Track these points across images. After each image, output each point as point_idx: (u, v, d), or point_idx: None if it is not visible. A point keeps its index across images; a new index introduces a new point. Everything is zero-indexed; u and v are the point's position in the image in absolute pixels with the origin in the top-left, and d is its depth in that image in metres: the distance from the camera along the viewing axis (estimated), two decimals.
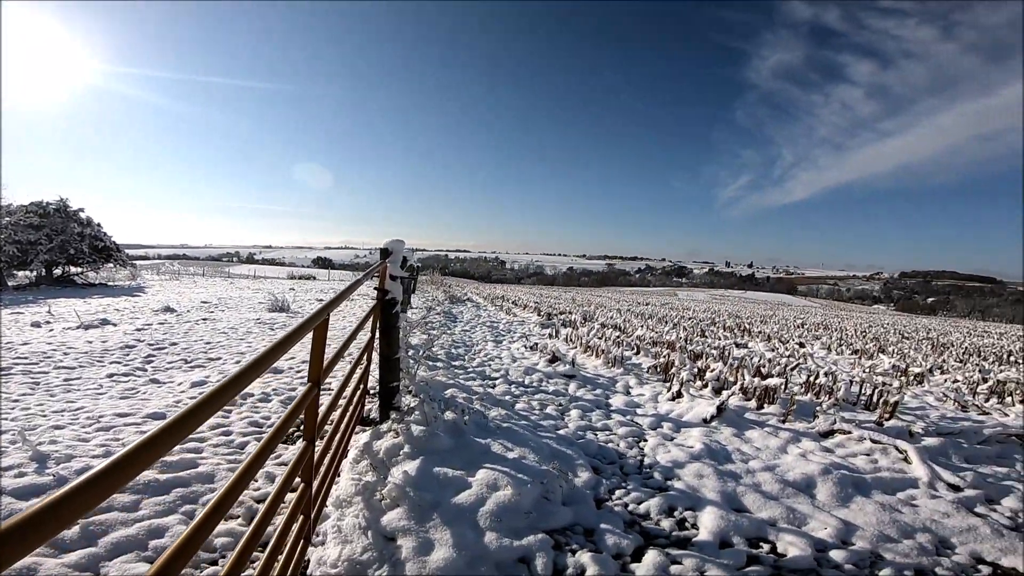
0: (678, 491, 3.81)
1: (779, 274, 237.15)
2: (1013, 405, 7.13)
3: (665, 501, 3.62)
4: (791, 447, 4.88)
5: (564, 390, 6.59)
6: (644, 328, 13.15)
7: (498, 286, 54.85)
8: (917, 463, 4.48)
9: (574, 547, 3.04)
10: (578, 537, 3.16)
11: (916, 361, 10.50)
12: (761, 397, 6.08)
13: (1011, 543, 3.34)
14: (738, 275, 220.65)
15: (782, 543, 3.22)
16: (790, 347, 11.58)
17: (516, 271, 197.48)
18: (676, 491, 3.80)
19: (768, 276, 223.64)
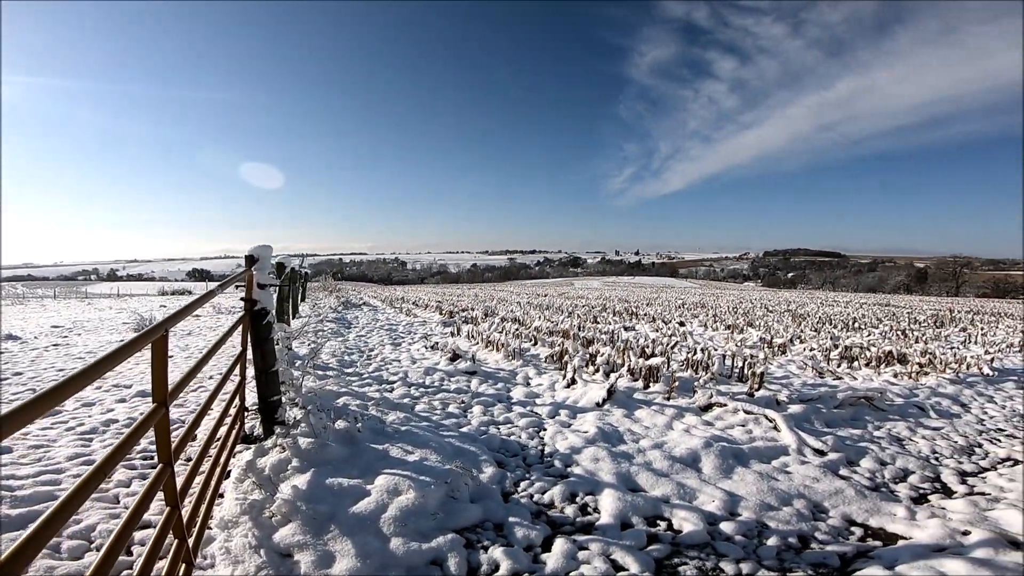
0: (578, 477, 3.89)
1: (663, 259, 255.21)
2: (860, 369, 8.16)
3: (567, 488, 3.69)
4: (676, 423, 5.15)
5: (466, 387, 6.56)
6: (542, 319, 13.43)
7: (399, 288, 53.58)
8: (785, 431, 4.90)
9: (486, 543, 3.02)
10: (489, 533, 3.14)
11: (779, 333, 11.70)
12: (647, 377, 6.38)
13: (874, 503, 3.70)
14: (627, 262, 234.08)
15: (677, 519, 3.35)
16: (672, 327, 12.41)
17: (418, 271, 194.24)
18: (576, 477, 3.89)
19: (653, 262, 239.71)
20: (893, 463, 4.46)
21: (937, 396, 6.60)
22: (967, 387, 7.18)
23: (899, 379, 7.37)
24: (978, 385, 7.38)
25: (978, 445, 5.06)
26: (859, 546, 3.16)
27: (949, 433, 5.31)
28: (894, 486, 4.07)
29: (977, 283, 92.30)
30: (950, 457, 4.71)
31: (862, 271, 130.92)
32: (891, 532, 3.35)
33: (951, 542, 3.11)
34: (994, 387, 7.44)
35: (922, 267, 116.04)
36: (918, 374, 7.56)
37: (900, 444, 4.95)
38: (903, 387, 6.86)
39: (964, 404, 6.43)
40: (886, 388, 6.61)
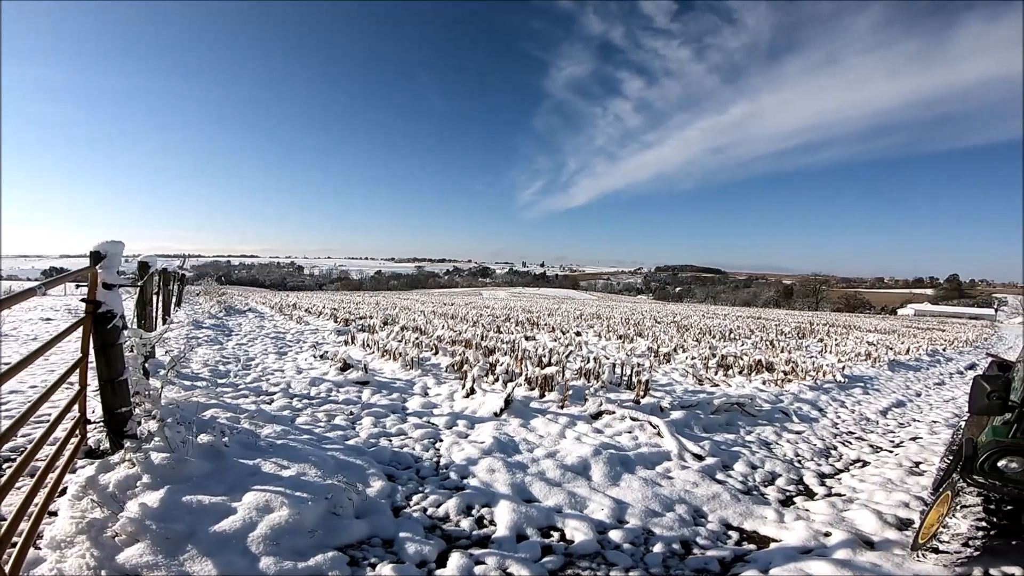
0: (474, 489, 3.81)
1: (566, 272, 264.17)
2: (734, 376, 8.78)
3: (463, 501, 3.60)
4: (568, 431, 5.18)
5: (356, 398, 6.23)
6: (445, 328, 13.18)
7: (293, 294, 50.51)
8: (668, 437, 5.09)
9: (373, 560, 2.87)
10: (376, 549, 2.99)
11: (664, 343, 12.38)
12: (543, 386, 6.41)
13: (747, 507, 3.90)
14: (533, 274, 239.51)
15: (569, 529, 3.35)
16: (569, 336, 12.70)
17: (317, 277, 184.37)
18: (472, 489, 3.80)
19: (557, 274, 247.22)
20: (763, 466, 4.77)
21: (799, 401, 7.24)
22: (823, 393, 7.98)
23: (767, 386, 8.01)
24: (832, 391, 8.23)
25: (833, 448, 5.58)
26: (736, 550, 3.31)
27: (809, 436, 5.81)
28: (764, 489, 4.33)
29: (833, 299, 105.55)
30: (811, 459, 5.13)
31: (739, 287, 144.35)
32: (764, 535, 3.54)
33: (815, 544, 3.34)
34: (845, 392, 8.33)
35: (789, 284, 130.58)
36: (783, 381, 8.28)
37: (768, 448, 5.31)
38: (770, 393, 7.46)
39: (821, 409, 7.11)
40: (756, 394, 7.14)
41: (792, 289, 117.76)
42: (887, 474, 4.70)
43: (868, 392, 8.65)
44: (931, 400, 8.64)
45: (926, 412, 7.68)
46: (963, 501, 2.96)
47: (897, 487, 4.35)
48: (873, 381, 9.68)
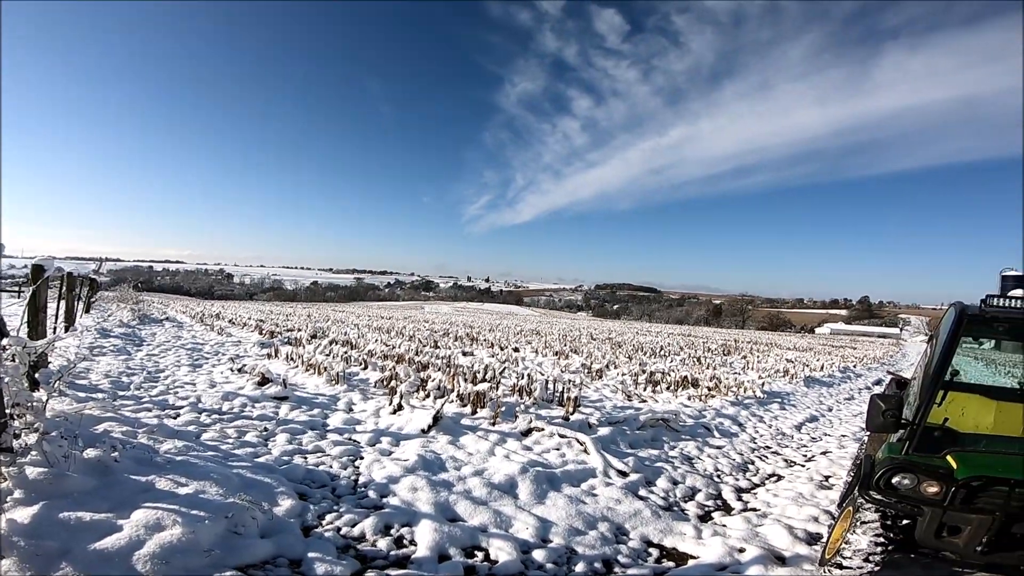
0: (394, 508, 3.68)
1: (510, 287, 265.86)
2: (662, 392, 9.02)
3: (381, 520, 3.46)
4: (498, 449, 5.10)
5: (273, 414, 5.94)
6: (378, 343, 12.82)
7: (220, 303, 47.88)
8: (594, 454, 5.11)
9: None
10: (281, 570, 2.88)
11: (598, 359, 12.61)
12: (475, 402, 6.31)
13: (667, 523, 3.95)
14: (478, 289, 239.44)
15: (494, 549, 3.27)
16: (507, 352, 12.69)
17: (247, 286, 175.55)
18: (392, 508, 3.67)
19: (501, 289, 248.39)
20: (684, 482, 4.87)
21: (721, 417, 7.51)
22: (744, 408, 8.33)
23: (692, 401, 8.27)
24: (752, 406, 8.61)
25: (751, 462, 5.79)
26: (655, 568, 3.33)
27: (729, 451, 6.01)
28: (684, 505, 4.42)
29: (758, 318, 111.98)
30: (729, 474, 5.29)
31: (673, 305, 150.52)
32: (683, 552, 3.59)
33: (731, 560, 3.41)
34: (764, 408, 8.74)
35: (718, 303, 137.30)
36: (707, 397, 8.58)
37: (690, 463, 5.44)
38: (695, 409, 7.69)
39: (741, 424, 7.41)
40: (680, 410, 7.34)
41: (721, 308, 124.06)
42: (799, 488, 4.91)
43: (785, 407, 9.11)
44: (841, 415, 9.22)
45: (836, 426, 8.17)
46: (863, 517, 3.05)
47: (808, 501, 4.55)
48: (790, 397, 10.23)
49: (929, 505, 2.89)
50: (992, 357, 16.89)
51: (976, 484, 2.80)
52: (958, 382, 4.27)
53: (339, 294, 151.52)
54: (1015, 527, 2.75)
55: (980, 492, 2.81)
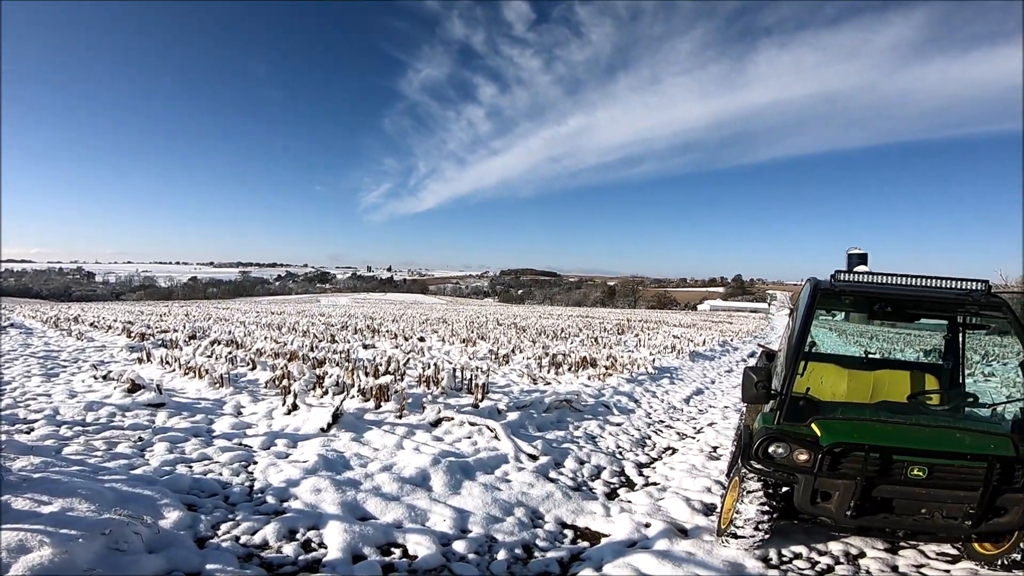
0: (297, 511, 3.51)
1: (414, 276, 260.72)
2: (564, 373, 9.30)
3: (284, 525, 3.29)
4: (406, 442, 4.98)
5: (148, 422, 5.46)
6: (268, 340, 11.96)
7: (79, 305, 42.18)
8: (505, 439, 5.14)
9: None
10: None
11: (504, 344, 12.76)
12: (378, 396, 6.11)
13: (578, 503, 4.05)
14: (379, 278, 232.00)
15: (411, 544, 3.20)
16: (412, 343, 12.42)
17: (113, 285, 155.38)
18: (295, 512, 3.50)
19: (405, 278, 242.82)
20: (589, 461, 5.05)
21: (618, 394, 7.90)
22: (638, 385, 8.83)
23: (592, 381, 8.62)
24: (646, 382, 9.16)
25: (648, 437, 6.14)
26: (572, 549, 3.42)
27: (628, 428, 6.33)
28: (592, 483, 4.58)
29: (648, 297, 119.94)
30: (629, 450, 5.57)
31: (572, 288, 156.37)
32: (595, 531, 3.71)
33: (639, 536, 3.57)
34: (655, 383, 9.34)
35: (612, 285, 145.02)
36: (605, 376, 8.99)
37: (594, 442, 5.66)
38: (594, 388, 8.03)
39: (637, 400, 7.85)
40: (582, 390, 7.62)
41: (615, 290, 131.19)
42: (692, 460, 5.27)
43: (674, 382, 9.81)
44: (723, 387, 10.10)
45: (720, 398, 8.94)
46: (748, 487, 3.22)
47: (700, 472, 4.89)
48: (678, 371, 11.03)
49: (802, 472, 3.06)
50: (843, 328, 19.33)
51: (838, 450, 3.00)
52: (816, 353, 4.75)
53: (223, 290, 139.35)
54: (875, 491, 2.97)
55: (842, 458, 3.01)
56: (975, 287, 3.67)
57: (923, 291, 3.75)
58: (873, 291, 3.81)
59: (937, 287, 3.73)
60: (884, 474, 2.98)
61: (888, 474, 2.98)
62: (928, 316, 4.58)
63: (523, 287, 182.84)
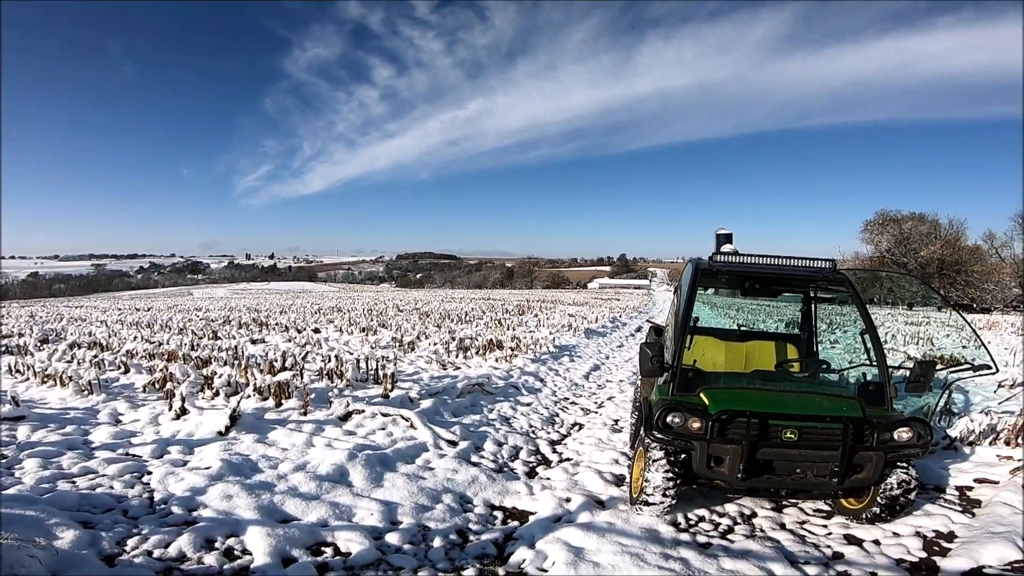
0: (210, 520, 3.31)
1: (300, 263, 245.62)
2: (472, 357, 9.37)
3: (199, 535, 3.09)
4: (316, 439, 4.79)
5: (10, 438, 4.79)
6: (138, 340, 10.72)
7: None
8: (421, 428, 5.09)
9: None
10: None
11: (408, 331, 12.54)
12: (277, 394, 5.78)
13: (503, 485, 4.14)
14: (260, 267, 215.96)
15: (342, 542, 3.12)
16: (306, 335, 11.79)
17: None
18: (208, 520, 3.30)
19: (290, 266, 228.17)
20: (507, 442, 5.18)
21: (525, 375, 8.14)
22: (542, 364, 9.15)
23: (500, 363, 8.80)
24: (549, 361, 9.51)
25: (556, 415, 6.41)
26: (504, 529, 3.51)
27: (537, 407, 6.56)
28: (512, 464, 4.71)
29: (543, 277, 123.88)
30: (542, 429, 5.78)
31: (472, 271, 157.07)
32: (522, 510, 3.83)
33: (562, 511, 3.73)
34: (557, 361, 9.73)
35: (511, 266, 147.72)
36: (511, 357, 9.21)
37: (508, 423, 5.81)
38: (503, 370, 8.20)
39: (542, 379, 8.14)
40: (492, 373, 7.76)
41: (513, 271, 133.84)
42: (597, 434, 5.58)
43: (573, 359, 10.28)
44: (616, 361, 10.77)
45: (615, 372, 9.52)
46: (652, 456, 3.47)
47: (607, 445, 5.20)
48: (576, 349, 11.58)
49: (697, 440, 3.33)
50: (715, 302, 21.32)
51: (724, 418, 3.29)
52: (698, 327, 5.25)
53: (73, 286, 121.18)
54: (758, 454, 3.30)
55: (728, 425, 3.30)
56: (824, 265, 4.22)
57: (784, 269, 4.27)
58: (744, 270, 4.31)
59: (794, 266, 4.24)
60: (764, 438, 3.30)
61: (767, 438, 3.30)
62: (788, 291, 5.21)
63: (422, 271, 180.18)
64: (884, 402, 3.64)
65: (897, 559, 3.14)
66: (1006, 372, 8.95)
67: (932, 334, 14.94)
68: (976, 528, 3.42)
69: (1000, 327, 20.95)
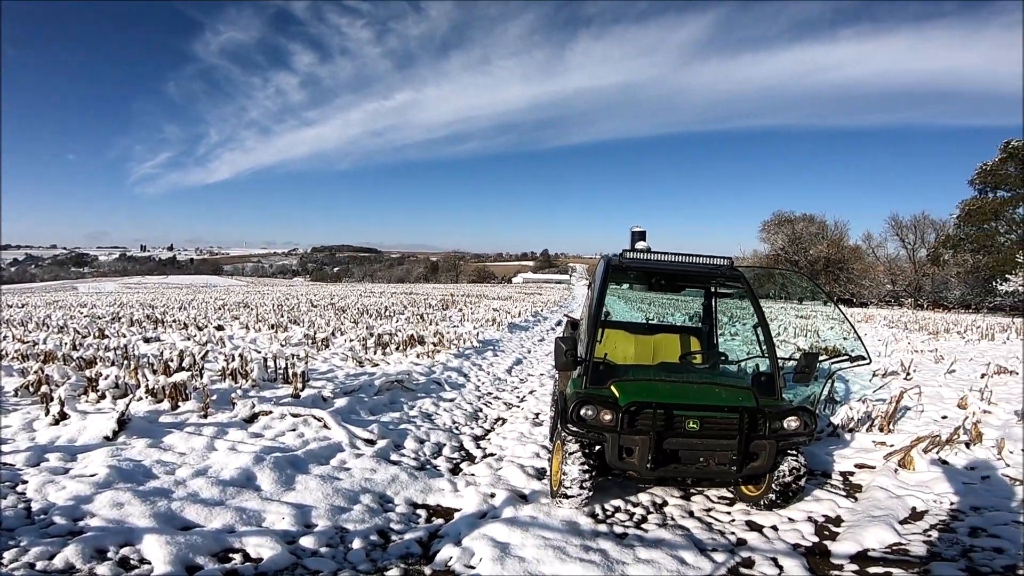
0: (100, 529, 3.05)
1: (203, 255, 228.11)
2: (392, 353, 9.08)
3: (88, 545, 2.84)
4: (219, 442, 4.47)
5: None
6: (9, 340, 9.46)
7: None
8: (335, 427, 4.84)
9: None
10: None
11: (322, 327, 11.96)
12: (173, 396, 5.32)
13: (425, 483, 4.01)
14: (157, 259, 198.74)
15: (252, 547, 2.97)
16: (208, 332, 10.92)
17: None
18: (97, 530, 3.04)
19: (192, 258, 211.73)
20: (429, 439, 5.05)
21: (448, 370, 8.01)
22: (465, 359, 9.06)
23: (421, 359, 8.60)
24: (472, 356, 9.44)
25: (480, 410, 6.34)
26: (428, 527, 3.42)
27: (460, 403, 6.46)
28: (435, 461, 4.60)
29: (469, 272, 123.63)
30: (465, 424, 5.70)
31: (394, 265, 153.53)
32: (446, 507, 3.74)
33: (487, 506, 3.68)
34: (480, 356, 9.68)
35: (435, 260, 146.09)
36: (434, 352, 9.03)
37: (431, 420, 5.66)
38: (424, 366, 8.02)
39: (466, 374, 8.05)
40: (412, 369, 7.55)
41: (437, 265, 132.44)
42: (519, 428, 5.57)
43: (497, 354, 10.29)
44: (538, 355, 10.89)
45: (536, 366, 9.62)
46: (568, 449, 3.50)
47: (529, 439, 5.19)
48: (499, 343, 11.60)
49: (608, 432, 3.39)
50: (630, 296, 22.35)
51: (633, 409, 3.38)
52: (610, 321, 5.38)
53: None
54: (665, 443, 3.39)
55: (637, 416, 3.39)
56: (723, 263, 4.46)
57: (687, 266, 4.48)
58: (650, 267, 4.49)
59: (696, 263, 4.47)
60: (669, 428, 3.41)
61: (672, 428, 3.41)
62: (690, 287, 5.47)
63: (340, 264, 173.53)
64: (775, 392, 3.81)
65: (793, 544, 3.32)
66: (879, 362, 9.98)
67: (818, 327, 16.46)
68: (859, 512, 3.70)
69: (875, 319, 23.54)
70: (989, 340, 14.90)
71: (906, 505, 3.76)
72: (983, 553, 3.10)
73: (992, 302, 34.78)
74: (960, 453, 4.62)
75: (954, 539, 3.30)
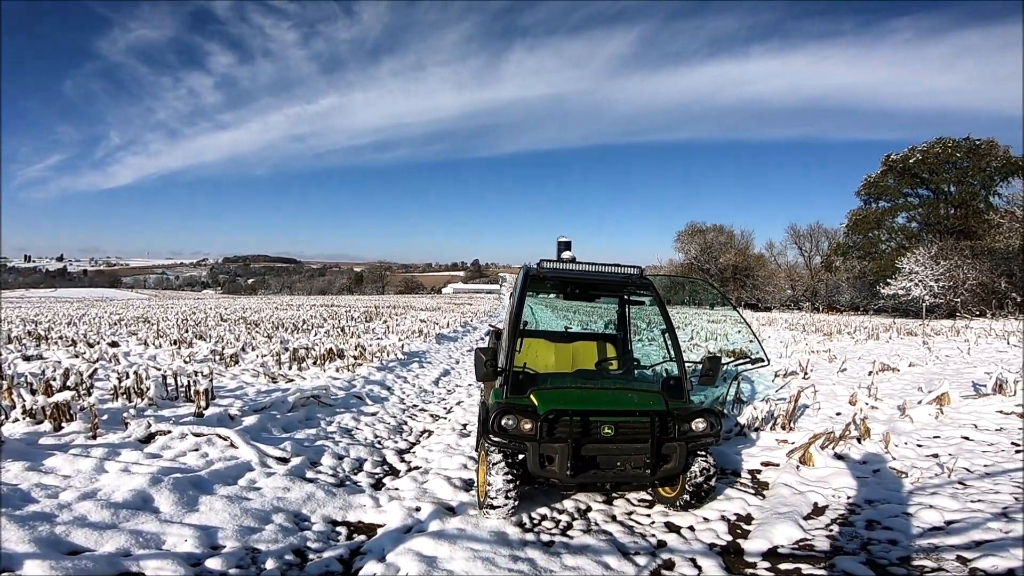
0: None
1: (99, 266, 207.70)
2: (309, 368, 8.62)
3: None
4: (110, 464, 4.09)
5: None
6: None
7: None
8: (243, 446, 4.50)
9: None
10: None
11: (231, 343, 11.17)
12: (56, 416, 4.78)
13: (344, 499, 3.81)
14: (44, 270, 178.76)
15: (152, 571, 2.77)
16: (100, 349, 9.87)
17: None
18: None
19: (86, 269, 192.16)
20: (349, 455, 4.81)
21: (370, 384, 7.72)
22: (389, 372, 8.78)
23: (341, 373, 8.24)
24: (397, 369, 9.16)
25: (404, 423, 6.13)
26: (350, 544, 3.24)
27: (383, 416, 6.22)
28: (355, 477, 4.38)
29: (396, 283, 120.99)
30: (388, 438, 5.48)
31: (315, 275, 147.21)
32: (369, 523, 3.57)
33: (412, 520, 3.54)
34: (406, 368, 9.41)
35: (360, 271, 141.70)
36: (355, 366, 8.69)
37: (350, 435, 5.40)
38: (344, 380, 7.68)
39: (389, 387, 7.79)
40: (330, 384, 7.20)
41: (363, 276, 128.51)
42: (446, 440, 5.45)
43: (423, 365, 10.07)
44: (466, 366, 10.77)
45: (464, 377, 9.50)
46: (492, 459, 3.46)
47: (455, 451, 5.09)
48: (426, 355, 11.37)
49: (529, 440, 3.40)
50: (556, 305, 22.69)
51: (551, 417, 3.40)
52: (530, 330, 5.42)
53: None
54: (583, 450, 3.43)
55: (555, 424, 3.41)
56: (633, 272, 4.61)
57: (600, 276, 4.60)
58: (565, 276, 4.60)
59: (610, 272, 4.59)
60: (586, 434, 3.45)
61: (589, 434, 3.46)
62: (604, 295, 5.64)
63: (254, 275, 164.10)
64: (683, 395, 3.96)
65: (710, 543, 3.42)
66: (780, 363, 10.73)
67: (727, 331, 17.53)
68: (767, 510, 3.88)
69: (777, 323, 25.41)
70: (875, 340, 16.35)
71: (808, 501, 3.97)
72: (880, 546, 3.29)
73: (877, 304, 38.56)
74: (853, 448, 4.98)
75: (853, 532, 3.49)
